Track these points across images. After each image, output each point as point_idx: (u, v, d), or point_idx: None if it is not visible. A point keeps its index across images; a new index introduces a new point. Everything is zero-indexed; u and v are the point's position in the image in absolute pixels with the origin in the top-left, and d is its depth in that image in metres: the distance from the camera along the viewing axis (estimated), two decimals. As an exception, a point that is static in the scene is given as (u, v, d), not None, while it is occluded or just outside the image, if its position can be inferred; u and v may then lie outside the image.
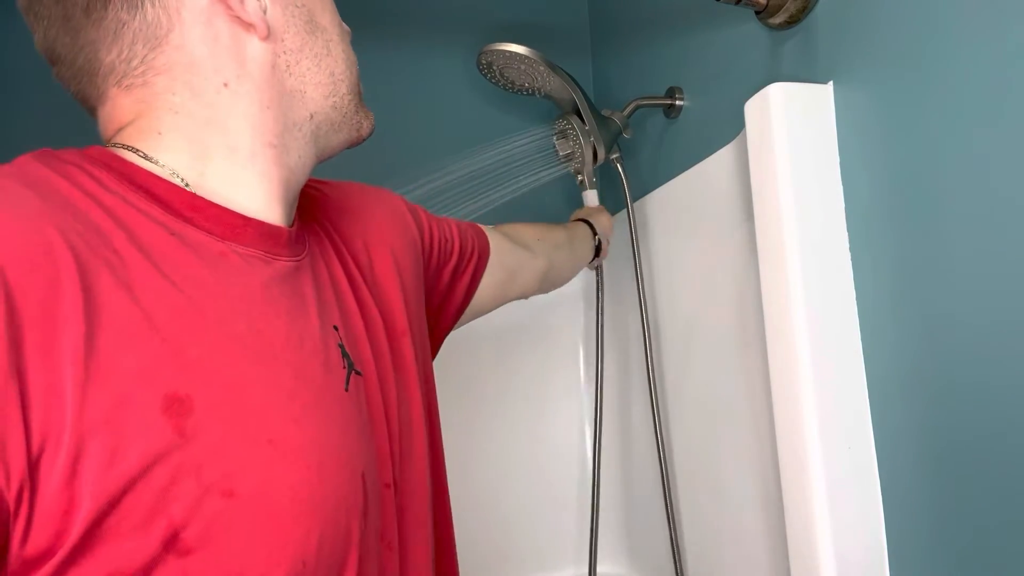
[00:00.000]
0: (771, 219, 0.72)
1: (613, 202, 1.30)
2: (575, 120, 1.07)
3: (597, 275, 1.19)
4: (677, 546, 1.01)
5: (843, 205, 0.71)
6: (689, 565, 1.02)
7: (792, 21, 0.78)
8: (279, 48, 0.53)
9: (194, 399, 0.41)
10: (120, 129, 0.51)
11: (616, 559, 1.25)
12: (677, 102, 1.06)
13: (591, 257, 1.11)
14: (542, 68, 0.99)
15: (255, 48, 0.52)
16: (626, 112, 1.08)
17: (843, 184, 0.71)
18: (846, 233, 0.71)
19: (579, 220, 1.11)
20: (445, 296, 0.80)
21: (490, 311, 0.91)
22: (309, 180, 0.63)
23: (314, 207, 0.64)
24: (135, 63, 0.50)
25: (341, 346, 0.54)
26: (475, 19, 1.36)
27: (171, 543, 0.39)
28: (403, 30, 1.31)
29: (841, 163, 0.72)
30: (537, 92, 1.07)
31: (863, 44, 0.69)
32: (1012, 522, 0.56)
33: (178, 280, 0.44)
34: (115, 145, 0.50)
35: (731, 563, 0.92)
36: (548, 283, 1.01)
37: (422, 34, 1.33)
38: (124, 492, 0.38)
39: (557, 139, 1.12)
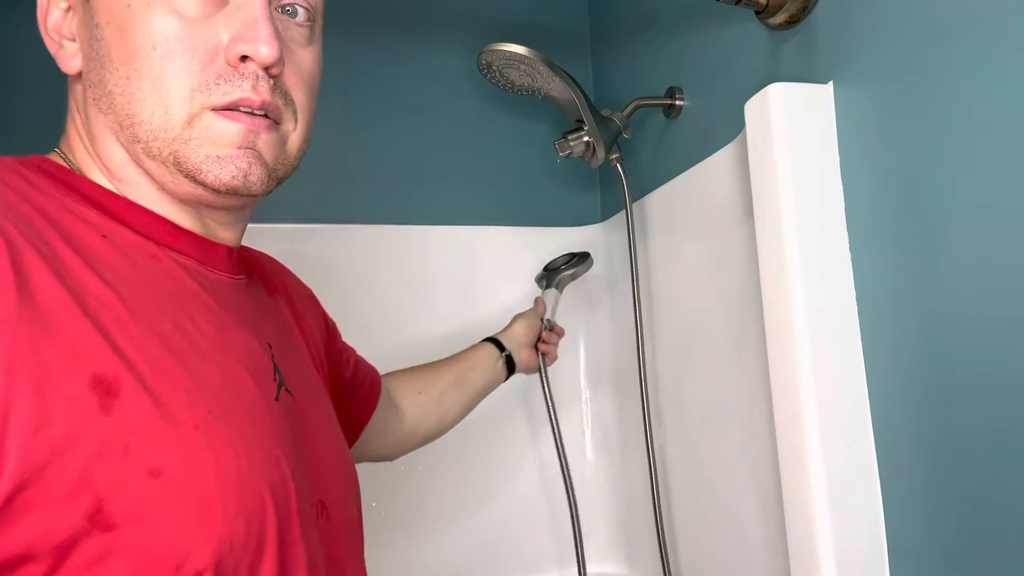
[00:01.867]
0: (771, 219, 0.72)
1: (613, 202, 1.30)
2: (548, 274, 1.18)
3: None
4: (664, 546, 1.01)
5: (843, 205, 0.71)
6: (689, 565, 1.02)
7: (792, 21, 0.78)
8: None
9: (121, 381, 0.43)
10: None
11: (615, 559, 1.25)
12: (677, 102, 1.06)
13: (503, 376, 1.03)
14: (542, 68, 0.99)
15: None
16: (626, 112, 1.08)
17: (843, 184, 0.71)
18: (846, 233, 0.71)
19: (486, 340, 1.05)
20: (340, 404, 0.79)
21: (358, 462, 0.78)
22: (243, 247, 0.66)
23: (251, 263, 0.66)
24: None
25: (274, 361, 0.56)
26: (475, 19, 1.35)
27: (96, 517, 0.40)
28: (403, 30, 1.31)
29: (841, 163, 0.72)
30: (537, 92, 1.06)
31: (863, 44, 0.69)
32: (1011, 521, 0.56)
33: (108, 277, 0.46)
34: (55, 152, 0.53)
35: (731, 562, 0.92)
36: (419, 439, 0.94)
37: (422, 34, 1.33)
38: (50, 461, 0.39)
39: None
